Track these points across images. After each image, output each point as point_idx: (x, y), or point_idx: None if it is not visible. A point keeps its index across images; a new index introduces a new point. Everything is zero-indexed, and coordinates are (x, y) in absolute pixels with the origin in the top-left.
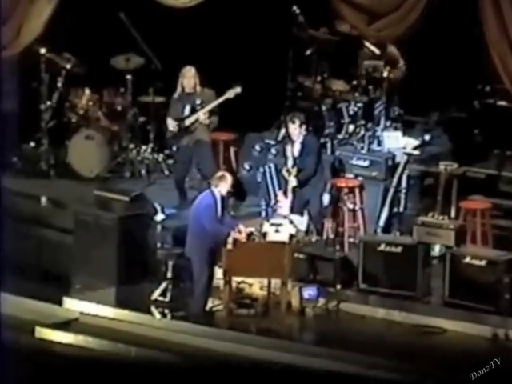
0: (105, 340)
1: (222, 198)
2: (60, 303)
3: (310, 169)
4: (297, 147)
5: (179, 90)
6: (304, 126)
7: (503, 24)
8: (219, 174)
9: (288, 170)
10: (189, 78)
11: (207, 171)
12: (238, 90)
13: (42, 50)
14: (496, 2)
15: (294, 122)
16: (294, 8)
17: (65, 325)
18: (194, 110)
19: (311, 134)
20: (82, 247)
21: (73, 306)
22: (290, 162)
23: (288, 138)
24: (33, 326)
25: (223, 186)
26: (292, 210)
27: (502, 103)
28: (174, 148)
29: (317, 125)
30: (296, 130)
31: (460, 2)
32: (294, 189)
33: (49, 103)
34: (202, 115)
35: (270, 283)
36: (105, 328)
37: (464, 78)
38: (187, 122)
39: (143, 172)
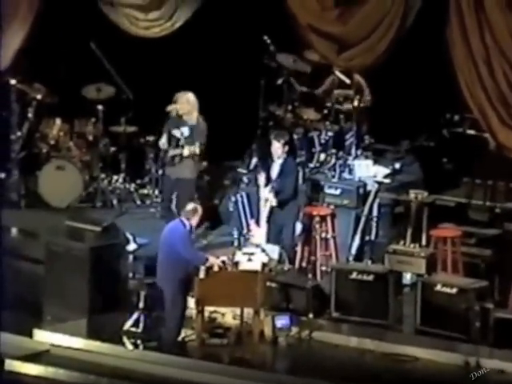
0: (76, 372)
1: (191, 228)
2: (30, 335)
3: (288, 190)
4: (276, 169)
5: (174, 111)
6: (287, 147)
7: (471, 53)
8: (191, 206)
9: (266, 200)
10: (181, 103)
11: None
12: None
13: (13, 81)
14: (464, 32)
15: (278, 141)
16: (265, 37)
17: (35, 357)
18: (177, 137)
19: (290, 157)
20: (53, 278)
21: (43, 337)
22: (262, 191)
23: (261, 164)
24: (2, 358)
25: (194, 218)
26: (268, 240)
27: (471, 132)
28: (147, 178)
29: (289, 153)
30: (279, 150)
31: (429, 31)
32: (268, 217)
33: (19, 133)
34: (185, 151)
35: (242, 312)
36: (76, 359)
37: (433, 107)
38: (170, 153)
39: (115, 202)
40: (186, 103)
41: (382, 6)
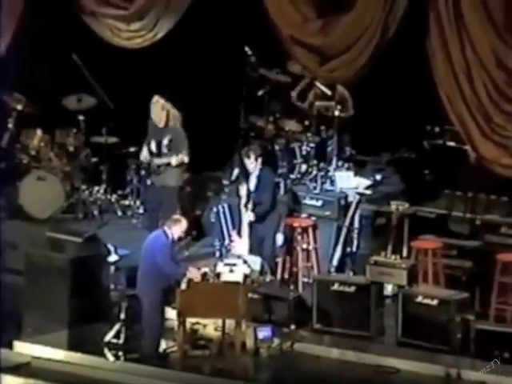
0: None
1: (173, 240)
2: (11, 347)
3: (266, 203)
4: (253, 181)
5: (151, 120)
6: (260, 159)
7: (451, 66)
8: (175, 217)
9: (246, 205)
10: (156, 112)
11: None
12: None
13: None
14: (444, 44)
15: (249, 157)
16: (246, 49)
17: (16, 369)
18: (159, 147)
19: (266, 167)
20: (33, 289)
21: (24, 349)
22: (243, 202)
23: (242, 175)
24: None
25: (177, 229)
26: (250, 251)
27: (451, 144)
28: (128, 189)
29: (270, 165)
30: (251, 165)
31: (409, 43)
32: (250, 228)
33: None
34: (173, 160)
35: (224, 324)
36: (57, 372)
37: (413, 118)
38: (156, 162)
39: (96, 213)
40: (161, 111)
41: (364, 18)
